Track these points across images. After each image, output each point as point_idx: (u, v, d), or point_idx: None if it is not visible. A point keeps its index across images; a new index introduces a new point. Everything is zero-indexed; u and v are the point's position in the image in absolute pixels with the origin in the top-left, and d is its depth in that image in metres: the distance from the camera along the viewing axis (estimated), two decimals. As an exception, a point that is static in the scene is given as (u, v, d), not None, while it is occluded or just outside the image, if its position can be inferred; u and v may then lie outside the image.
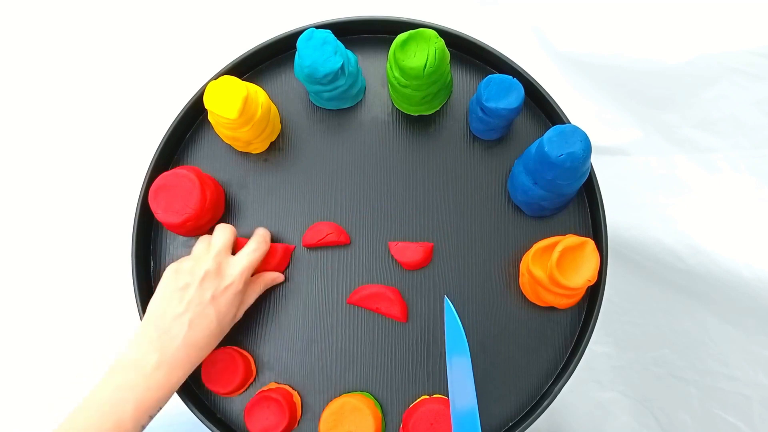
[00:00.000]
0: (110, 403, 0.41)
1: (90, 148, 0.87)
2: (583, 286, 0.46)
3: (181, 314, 0.44)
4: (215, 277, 0.46)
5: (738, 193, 0.63)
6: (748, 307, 0.62)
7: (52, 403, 0.79)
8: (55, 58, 0.90)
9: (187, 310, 0.44)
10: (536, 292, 0.50)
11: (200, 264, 0.46)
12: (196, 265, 0.46)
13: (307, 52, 0.49)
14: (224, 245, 0.49)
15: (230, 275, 0.47)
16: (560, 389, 0.50)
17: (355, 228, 0.54)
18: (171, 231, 0.53)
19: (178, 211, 0.49)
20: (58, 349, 0.81)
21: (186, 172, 0.50)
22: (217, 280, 0.46)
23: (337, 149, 0.56)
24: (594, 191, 0.53)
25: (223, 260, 0.47)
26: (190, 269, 0.46)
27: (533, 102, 0.56)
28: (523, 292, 0.52)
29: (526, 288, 0.51)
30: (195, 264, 0.47)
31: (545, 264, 0.47)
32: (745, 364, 0.66)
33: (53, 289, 0.82)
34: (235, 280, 0.47)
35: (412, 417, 0.48)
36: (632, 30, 0.68)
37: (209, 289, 0.45)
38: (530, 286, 0.50)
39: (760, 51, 0.57)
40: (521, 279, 0.52)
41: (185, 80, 0.63)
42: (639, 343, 0.77)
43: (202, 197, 0.49)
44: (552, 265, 0.46)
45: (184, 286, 0.45)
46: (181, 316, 0.44)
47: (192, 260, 0.47)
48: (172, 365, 0.43)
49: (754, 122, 0.61)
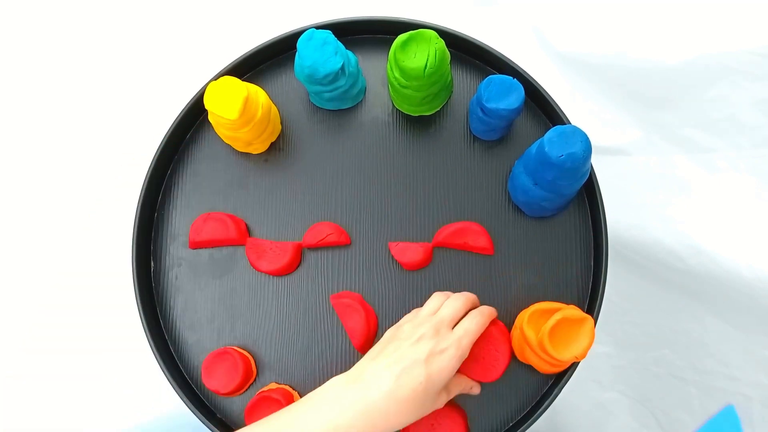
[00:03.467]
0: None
1: (90, 148, 0.87)
2: (568, 361, 0.45)
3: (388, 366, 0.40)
4: (431, 339, 0.42)
5: (738, 193, 0.63)
6: (748, 307, 0.62)
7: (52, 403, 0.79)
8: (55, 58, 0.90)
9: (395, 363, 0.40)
10: (522, 348, 0.49)
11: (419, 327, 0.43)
12: (415, 328, 0.43)
13: (308, 52, 0.49)
14: (451, 315, 0.45)
15: (448, 343, 0.42)
16: (560, 389, 0.50)
17: (356, 228, 0.54)
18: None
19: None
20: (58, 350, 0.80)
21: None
22: (433, 343, 0.41)
23: (337, 150, 0.56)
24: (594, 191, 0.53)
25: (443, 330, 0.43)
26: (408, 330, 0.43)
27: (533, 102, 0.56)
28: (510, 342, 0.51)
29: (514, 341, 0.50)
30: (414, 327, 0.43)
31: (539, 327, 0.46)
32: (745, 364, 0.66)
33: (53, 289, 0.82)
34: (451, 351, 0.41)
35: (412, 417, 0.48)
36: (632, 30, 0.68)
37: (423, 349, 0.41)
38: (518, 341, 0.49)
39: (760, 51, 0.57)
40: (513, 331, 0.51)
41: (185, 80, 0.63)
42: (639, 343, 0.77)
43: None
44: (545, 331, 0.45)
45: (397, 342, 0.42)
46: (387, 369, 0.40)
47: (412, 323, 0.44)
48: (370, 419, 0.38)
49: (754, 122, 0.61)
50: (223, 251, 0.55)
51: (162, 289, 0.55)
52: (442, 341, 0.41)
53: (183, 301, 0.54)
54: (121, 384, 0.79)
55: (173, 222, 0.56)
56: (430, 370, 0.40)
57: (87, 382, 0.80)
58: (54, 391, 0.80)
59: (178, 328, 0.54)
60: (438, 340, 0.41)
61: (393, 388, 0.38)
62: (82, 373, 0.80)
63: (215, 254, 0.55)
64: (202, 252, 0.55)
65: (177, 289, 0.55)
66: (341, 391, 0.39)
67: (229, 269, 0.54)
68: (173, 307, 0.55)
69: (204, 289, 0.54)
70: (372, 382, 0.39)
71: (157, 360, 0.51)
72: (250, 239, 0.54)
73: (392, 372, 0.39)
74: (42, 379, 0.80)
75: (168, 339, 0.54)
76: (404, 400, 0.38)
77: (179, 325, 0.54)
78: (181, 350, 0.54)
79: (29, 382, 0.80)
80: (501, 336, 0.48)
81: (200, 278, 0.55)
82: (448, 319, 0.44)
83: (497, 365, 0.48)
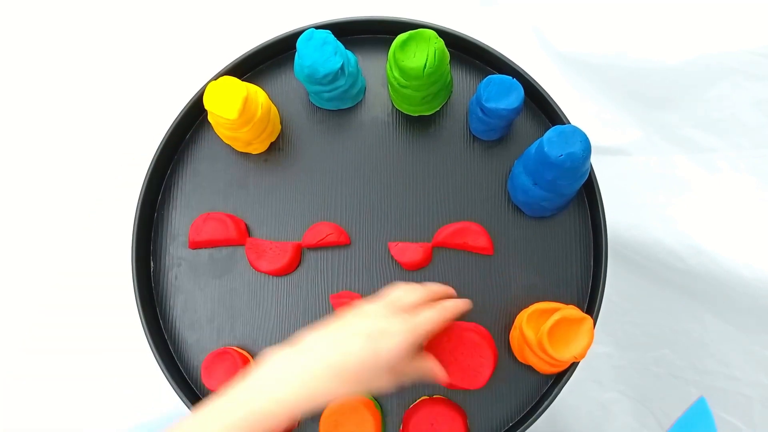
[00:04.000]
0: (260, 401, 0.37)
1: (90, 148, 0.87)
2: (567, 361, 0.46)
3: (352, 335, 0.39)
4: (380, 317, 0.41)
5: (738, 193, 0.63)
6: (748, 307, 0.62)
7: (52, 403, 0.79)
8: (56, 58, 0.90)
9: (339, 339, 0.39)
10: (521, 349, 0.49)
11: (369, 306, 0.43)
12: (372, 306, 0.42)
13: (307, 52, 0.49)
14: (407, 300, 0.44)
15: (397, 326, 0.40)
16: (560, 389, 0.50)
17: (355, 228, 0.54)
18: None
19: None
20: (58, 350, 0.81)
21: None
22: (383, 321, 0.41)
23: (337, 150, 0.56)
24: (594, 191, 0.53)
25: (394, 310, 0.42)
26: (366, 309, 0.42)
27: (533, 102, 0.56)
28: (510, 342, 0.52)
29: (513, 342, 0.50)
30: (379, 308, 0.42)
31: (539, 327, 0.46)
32: (745, 364, 0.66)
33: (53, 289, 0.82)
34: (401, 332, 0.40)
35: (412, 418, 0.48)
36: (632, 30, 0.68)
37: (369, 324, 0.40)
38: (517, 342, 0.49)
39: (760, 51, 0.57)
40: (512, 332, 0.51)
41: (185, 80, 0.63)
42: (639, 343, 0.77)
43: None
44: (544, 330, 0.45)
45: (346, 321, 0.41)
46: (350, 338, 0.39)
47: (379, 311, 0.43)
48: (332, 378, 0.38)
49: (754, 122, 0.61)
50: (223, 251, 0.55)
51: (162, 289, 0.55)
52: (396, 323, 0.40)
53: (183, 301, 0.54)
54: (121, 384, 0.80)
55: (173, 222, 0.56)
56: (377, 346, 0.39)
57: (87, 382, 0.80)
58: (54, 391, 0.80)
59: (178, 328, 0.54)
60: (392, 321, 0.41)
61: (335, 358, 0.38)
62: (82, 373, 0.80)
63: (215, 254, 0.55)
64: (202, 252, 0.55)
65: (177, 289, 0.55)
66: (284, 364, 0.39)
67: (229, 269, 0.54)
68: (173, 307, 0.55)
69: (204, 289, 0.54)
70: (315, 351, 0.39)
71: (157, 360, 0.51)
72: (249, 239, 0.54)
73: (335, 341, 0.39)
74: (42, 379, 0.80)
75: (168, 339, 0.54)
76: (345, 371, 0.38)
77: (179, 325, 0.54)
78: (181, 350, 0.54)
79: (29, 382, 0.80)
80: (484, 342, 0.48)
81: (200, 278, 0.55)
82: (406, 305, 0.43)
83: (482, 371, 0.47)
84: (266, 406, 0.36)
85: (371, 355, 0.38)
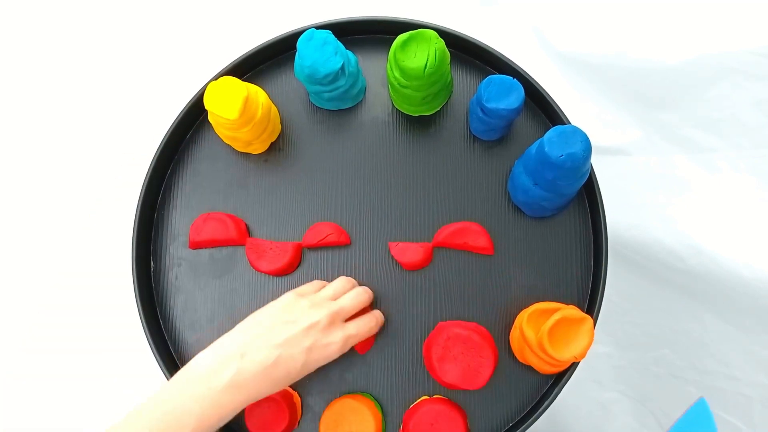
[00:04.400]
0: (174, 413, 0.39)
1: (90, 148, 0.87)
2: (568, 361, 0.46)
3: (274, 346, 0.42)
4: (322, 331, 0.45)
5: (738, 193, 0.63)
6: (748, 307, 0.62)
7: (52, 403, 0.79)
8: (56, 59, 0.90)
9: (281, 345, 0.43)
10: (522, 349, 0.49)
11: (316, 310, 0.45)
12: (312, 309, 0.45)
13: (308, 52, 0.49)
14: (349, 309, 0.47)
15: (334, 341, 0.45)
16: (560, 389, 0.50)
17: (355, 228, 0.54)
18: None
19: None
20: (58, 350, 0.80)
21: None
22: (322, 336, 0.44)
23: (337, 150, 0.56)
24: (594, 191, 0.53)
25: (337, 321, 0.46)
26: (305, 309, 0.45)
27: (533, 102, 0.56)
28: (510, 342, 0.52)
29: (513, 342, 0.50)
30: (312, 307, 0.46)
31: (539, 327, 0.46)
32: (745, 364, 0.66)
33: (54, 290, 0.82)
34: (335, 347, 0.45)
35: (412, 417, 0.48)
36: (632, 30, 0.68)
37: (310, 339, 0.44)
38: (518, 342, 0.49)
39: (760, 51, 0.57)
40: (512, 332, 0.51)
41: (185, 80, 0.63)
42: (639, 343, 0.77)
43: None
44: (544, 330, 0.45)
45: (291, 321, 0.44)
46: (274, 348, 0.42)
47: (312, 301, 0.46)
48: (242, 390, 0.41)
49: (754, 122, 0.61)
50: (223, 251, 0.55)
51: (162, 289, 0.55)
52: (330, 335, 0.45)
53: (183, 301, 0.54)
54: (121, 384, 0.79)
55: (173, 222, 0.56)
56: (309, 358, 0.44)
57: (87, 382, 0.80)
58: (54, 391, 0.80)
59: (178, 328, 0.54)
60: (328, 332, 0.45)
61: (270, 369, 0.42)
62: (82, 373, 0.80)
63: (215, 254, 0.55)
64: (202, 252, 0.55)
65: (177, 289, 0.55)
66: (217, 367, 0.41)
67: (229, 269, 0.54)
68: (173, 307, 0.55)
69: (204, 289, 0.54)
70: (254, 356, 0.42)
71: (157, 360, 0.51)
72: (250, 239, 0.54)
73: (277, 353, 0.42)
74: (42, 379, 0.80)
75: (168, 339, 0.54)
76: (276, 379, 0.43)
77: (179, 325, 0.54)
78: (181, 350, 0.54)
79: (29, 382, 0.80)
80: (484, 342, 0.48)
81: (200, 278, 0.55)
82: (344, 312, 0.47)
83: (482, 371, 0.47)
84: (187, 403, 0.40)
85: (302, 367, 0.44)
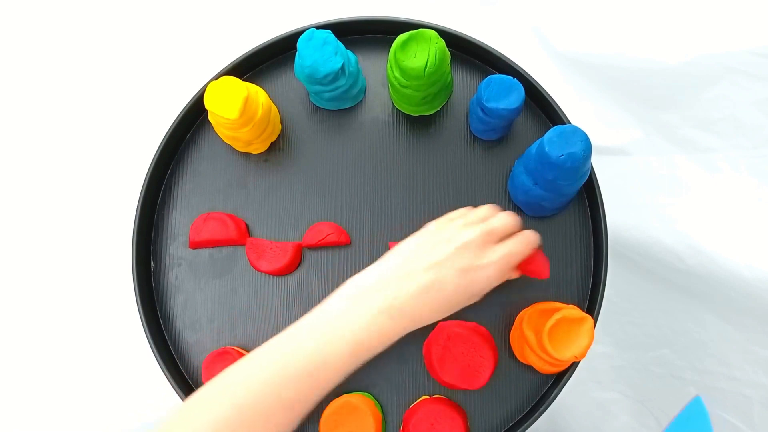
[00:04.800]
0: (331, 334, 0.38)
1: (90, 148, 0.87)
2: (568, 360, 0.46)
3: (428, 268, 0.40)
4: (476, 251, 0.41)
5: (738, 193, 0.63)
6: (748, 307, 0.62)
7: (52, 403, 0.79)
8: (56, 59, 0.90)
9: (435, 266, 0.40)
10: (522, 349, 0.49)
11: (469, 229, 0.43)
12: (464, 228, 0.43)
13: (308, 52, 0.49)
14: (501, 229, 0.44)
15: (492, 260, 0.41)
16: (560, 389, 0.50)
17: (356, 228, 0.54)
18: None
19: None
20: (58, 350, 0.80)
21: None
22: (476, 256, 0.41)
23: (337, 149, 0.56)
24: (594, 191, 0.53)
25: (490, 241, 0.43)
26: (458, 228, 0.43)
27: (533, 102, 0.56)
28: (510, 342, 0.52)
29: (513, 342, 0.51)
30: (464, 226, 0.43)
31: (539, 327, 0.46)
32: (745, 364, 0.66)
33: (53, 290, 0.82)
34: (493, 269, 0.41)
35: (412, 417, 0.48)
36: (632, 30, 0.68)
37: (464, 259, 0.41)
38: (518, 342, 0.49)
39: (760, 51, 0.57)
40: (512, 332, 0.51)
41: (185, 80, 0.63)
42: (639, 343, 0.77)
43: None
44: (545, 330, 0.45)
45: (444, 240, 0.42)
46: (428, 270, 0.40)
47: (464, 221, 0.44)
48: (402, 313, 0.39)
49: (754, 122, 0.61)
50: (223, 251, 0.55)
51: (162, 289, 0.55)
52: (484, 256, 0.41)
53: (183, 301, 0.54)
54: (121, 384, 0.79)
55: (173, 222, 0.56)
56: (466, 281, 0.40)
57: (87, 382, 0.80)
58: (54, 391, 0.80)
59: (178, 328, 0.54)
60: (481, 254, 0.41)
61: (425, 292, 0.40)
62: (82, 373, 0.80)
63: (215, 254, 0.55)
64: (202, 252, 0.55)
65: (177, 289, 0.55)
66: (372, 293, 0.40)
67: (229, 269, 0.54)
68: (173, 307, 0.55)
69: (204, 289, 0.54)
70: (410, 279, 0.40)
71: (157, 360, 0.51)
72: (250, 239, 0.54)
73: (429, 275, 0.40)
74: (42, 379, 0.80)
75: (168, 339, 0.54)
76: (435, 304, 0.40)
77: (179, 325, 0.54)
78: (181, 350, 0.54)
79: (29, 382, 0.80)
80: (484, 342, 0.48)
81: (200, 278, 0.55)
82: (497, 233, 0.43)
83: (482, 371, 0.47)
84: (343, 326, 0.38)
85: (456, 290, 0.40)
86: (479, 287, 0.41)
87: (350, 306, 0.39)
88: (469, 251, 0.41)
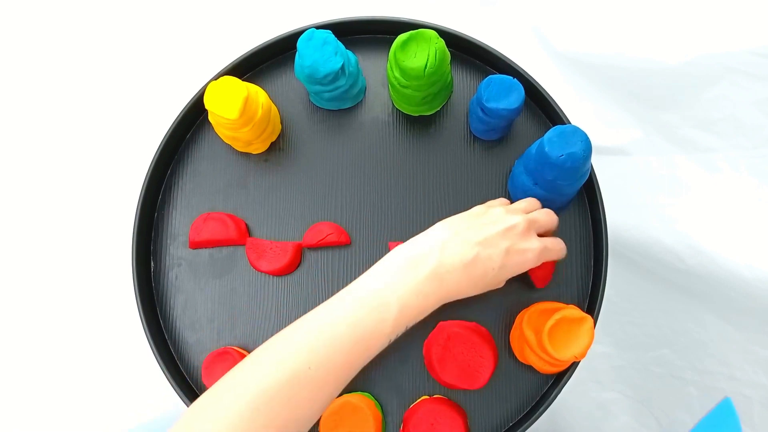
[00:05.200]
0: (378, 297, 0.40)
1: (90, 148, 0.87)
2: (568, 360, 0.46)
3: (474, 243, 0.42)
4: (519, 235, 0.43)
5: (738, 193, 0.63)
6: (748, 307, 0.63)
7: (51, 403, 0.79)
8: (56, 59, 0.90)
9: (481, 243, 0.42)
10: (522, 349, 0.49)
11: (514, 215, 0.44)
12: (509, 215, 0.44)
13: (308, 52, 0.49)
14: (542, 223, 0.46)
15: (532, 247, 0.43)
16: (560, 389, 0.50)
17: (356, 228, 0.54)
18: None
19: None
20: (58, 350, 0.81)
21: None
22: (519, 240, 0.43)
23: (337, 149, 0.56)
24: (594, 191, 0.53)
25: (532, 230, 0.45)
26: (502, 213, 0.45)
27: (533, 102, 0.56)
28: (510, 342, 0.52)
29: (513, 342, 0.51)
30: (508, 212, 0.45)
31: (539, 327, 0.46)
32: (745, 364, 0.66)
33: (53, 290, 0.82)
34: (531, 255, 0.43)
35: (412, 417, 0.48)
36: (632, 30, 0.68)
37: (508, 241, 0.43)
38: (518, 342, 0.49)
39: (760, 51, 0.57)
40: (512, 332, 0.51)
41: (185, 80, 0.63)
42: (639, 343, 0.77)
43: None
44: (545, 331, 0.45)
45: (490, 222, 0.43)
46: (474, 245, 0.42)
47: (507, 208, 0.46)
48: (442, 282, 0.41)
49: (754, 122, 0.61)
50: (223, 251, 0.55)
51: (162, 289, 0.55)
52: (528, 241, 0.44)
53: (183, 301, 0.54)
54: (121, 384, 0.80)
55: (173, 222, 0.56)
56: (506, 262, 0.42)
57: (87, 382, 0.80)
58: (54, 391, 0.80)
59: (178, 328, 0.54)
60: (524, 239, 0.43)
61: (469, 266, 0.41)
62: (82, 373, 0.80)
63: (215, 254, 0.55)
64: (202, 252, 0.55)
65: (177, 289, 0.55)
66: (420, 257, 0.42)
67: (229, 269, 0.54)
68: (173, 307, 0.55)
69: (204, 289, 0.54)
70: (455, 250, 0.42)
71: (157, 360, 0.51)
72: (250, 239, 0.54)
73: (475, 251, 0.42)
74: (42, 379, 0.80)
75: (168, 339, 0.54)
76: (474, 278, 0.42)
77: (179, 325, 0.54)
78: (181, 350, 0.54)
79: (29, 382, 0.80)
80: (484, 342, 0.48)
81: (200, 278, 0.55)
82: (539, 225, 0.45)
83: (482, 371, 0.47)
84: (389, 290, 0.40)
85: (499, 269, 0.42)
86: (515, 269, 0.43)
87: (399, 272, 0.41)
88: (514, 235, 0.43)
